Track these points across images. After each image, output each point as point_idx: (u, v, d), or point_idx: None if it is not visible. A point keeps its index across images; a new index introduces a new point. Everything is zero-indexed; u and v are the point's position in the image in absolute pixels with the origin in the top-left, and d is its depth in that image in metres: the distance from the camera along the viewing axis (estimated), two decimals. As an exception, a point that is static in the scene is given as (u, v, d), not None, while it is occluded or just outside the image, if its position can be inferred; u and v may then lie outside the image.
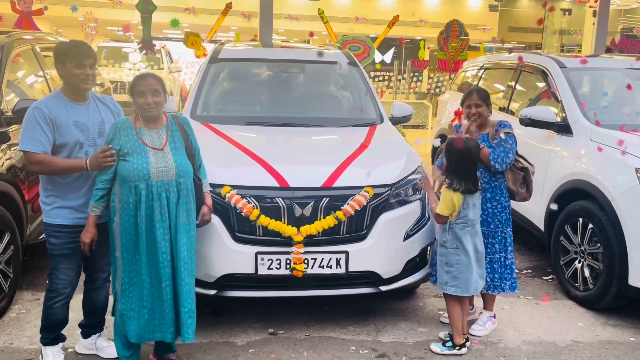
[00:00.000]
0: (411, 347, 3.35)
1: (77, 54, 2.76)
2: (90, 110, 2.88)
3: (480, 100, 3.39)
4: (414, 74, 13.84)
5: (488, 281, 3.40)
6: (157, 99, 2.77)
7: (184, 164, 2.82)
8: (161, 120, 2.86)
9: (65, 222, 2.85)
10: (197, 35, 8.53)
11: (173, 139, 2.85)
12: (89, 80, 2.81)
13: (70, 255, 2.89)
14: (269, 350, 3.27)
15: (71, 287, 2.95)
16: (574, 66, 4.85)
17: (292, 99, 4.75)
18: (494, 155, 3.31)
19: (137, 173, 2.72)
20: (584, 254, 3.96)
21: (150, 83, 2.77)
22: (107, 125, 2.89)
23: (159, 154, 2.77)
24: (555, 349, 3.39)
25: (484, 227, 3.39)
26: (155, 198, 2.73)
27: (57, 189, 2.85)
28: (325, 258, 3.27)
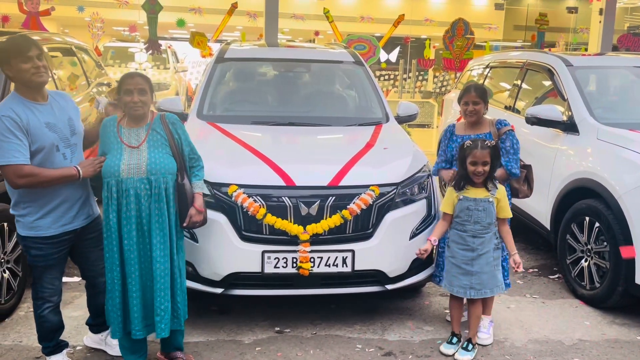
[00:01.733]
0: (417, 345, 3.36)
1: (19, 48, 2.58)
2: (54, 109, 2.74)
3: (478, 97, 3.37)
4: (419, 73, 13.83)
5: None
6: (143, 98, 2.77)
7: (160, 162, 2.78)
8: (145, 120, 2.85)
9: (48, 234, 2.72)
10: (202, 35, 8.58)
11: (153, 137, 2.82)
12: (41, 72, 2.61)
13: (55, 265, 2.81)
14: (275, 348, 3.28)
15: (58, 294, 2.87)
16: (580, 64, 4.84)
17: (297, 98, 4.76)
18: (511, 164, 3.36)
19: (109, 169, 2.74)
20: (591, 253, 3.95)
21: (137, 82, 2.77)
22: (76, 121, 2.81)
23: (134, 152, 2.77)
24: (561, 347, 3.38)
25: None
26: (124, 195, 2.73)
27: (36, 198, 2.69)
28: (331, 257, 3.28)
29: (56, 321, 2.90)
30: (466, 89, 3.45)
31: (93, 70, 6.23)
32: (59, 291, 2.89)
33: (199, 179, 2.97)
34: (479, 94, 3.39)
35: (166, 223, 2.81)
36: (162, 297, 2.81)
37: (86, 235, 2.89)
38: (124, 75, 2.86)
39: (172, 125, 2.89)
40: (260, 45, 6.04)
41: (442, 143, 3.59)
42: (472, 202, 3.12)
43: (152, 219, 2.78)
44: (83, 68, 5.83)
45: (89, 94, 5.61)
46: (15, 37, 2.72)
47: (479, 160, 3.06)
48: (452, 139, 3.50)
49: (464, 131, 3.48)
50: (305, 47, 6.13)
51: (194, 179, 2.96)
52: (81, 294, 3.91)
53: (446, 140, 3.54)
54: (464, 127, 3.51)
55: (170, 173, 2.83)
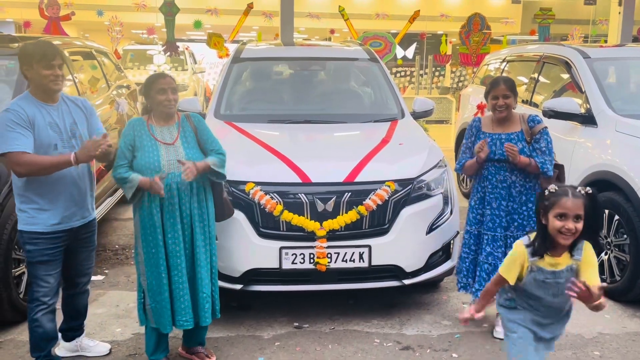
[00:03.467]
0: (435, 339, 3.37)
1: (44, 55, 2.67)
2: (61, 111, 2.81)
3: (508, 90, 3.14)
4: (435, 69, 13.75)
5: None
6: (175, 96, 2.89)
7: (195, 157, 2.88)
8: (173, 119, 2.95)
9: (42, 230, 2.74)
10: (219, 36, 8.67)
11: (184, 134, 2.93)
12: (59, 81, 2.73)
13: (50, 262, 2.79)
14: (294, 343, 3.33)
15: (52, 294, 2.83)
16: (598, 56, 4.79)
17: (313, 96, 4.80)
18: (547, 165, 3.11)
19: (149, 166, 2.80)
20: (611, 246, 3.91)
21: (169, 81, 2.88)
22: (80, 126, 2.84)
23: (170, 148, 2.86)
24: (581, 341, 3.37)
25: (520, 232, 3.17)
26: (166, 190, 2.79)
27: (34, 193, 2.73)
28: (348, 252, 3.31)
29: (49, 328, 2.85)
30: (494, 82, 3.22)
31: (113, 73, 6.34)
32: (54, 292, 2.85)
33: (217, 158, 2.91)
34: (509, 87, 3.15)
35: (206, 215, 2.93)
36: (206, 285, 2.92)
37: (81, 235, 2.91)
38: (153, 76, 2.94)
39: (198, 123, 3.00)
40: (276, 44, 6.10)
41: (466, 139, 3.34)
42: (550, 275, 2.21)
43: (193, 211, 2.88)
44: (103, 71, 5.94)
45: (109, 96, 5.72)
46: (43, 42, 2.79)
47: (570, 213, 2.13)
48: (479, 137, 3.25)
49: (492, 128, 3.23)
50: (320, 45, 6.17)
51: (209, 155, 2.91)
52: (105, 292, 4.01)
53: (472, 137, 3.30)
54: (492, 123, 3.26)
55: None
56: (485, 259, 3.24)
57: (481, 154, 3.16)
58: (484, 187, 3.27)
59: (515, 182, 3.21)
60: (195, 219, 2.89)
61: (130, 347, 3.28)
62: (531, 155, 3.16)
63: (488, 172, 3.25)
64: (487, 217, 3.25)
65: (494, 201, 3.23)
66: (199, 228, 2.90)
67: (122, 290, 4.06)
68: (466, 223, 3.39)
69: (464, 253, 3.36)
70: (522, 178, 3.20)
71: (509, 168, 3.19)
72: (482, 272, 3.24)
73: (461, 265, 3.39)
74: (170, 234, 2.84)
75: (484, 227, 3.27)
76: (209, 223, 2.95)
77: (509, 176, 3.21)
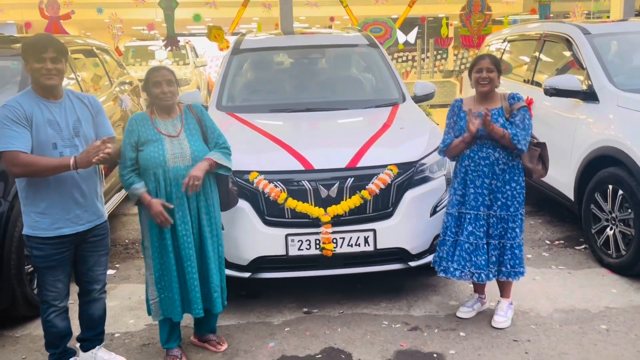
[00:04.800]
0: (443, 319, 3.41)
1: (35, 47, 2.54)
2: (64, 108, 2.68)
3: (492, 64, 3.14)
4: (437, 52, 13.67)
5: (508, 268, 3.20)
6: (171, 88, 2.88)
7: (200, 149, 2.91)
8: (175, 111, 2.96)
9: (46, 234, 2.65)
10: (219, 29, 8.67)
11: (188, 126, 2.95)
12: (52, 75, 2.56)
13: (56, 267, 2.72)
14: (304, 328, 3.38)
15: (62, 298, 2.78)
16: (598, 32, 4.76)
17: (314, 84, 4.82)
18: (518, 138, 3.07)
19: (154, 160, 2.83)
20: (615, 221, 3.93)
21: (164, 74, 2.88)
22: (85, 124, 2.71)
23: (175, 141, 2.88)
24: (587, 315, 3.40)
25: (503, 212, 3.18)
26: (172, 183, 2.83)
27: (34, 195, 2.63)
28: (353, 237, 3.35)
29: (63, 327, 2.82)
30: (479, 56, 3.24)
31: (115, 70, 6.38)
32: (64, 295, 2.79)
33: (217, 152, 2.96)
34: (493, 61, 3.16)
35: (212, 206, 2.96)
36: (216, 274, 2.97)
37: (89, 238, 2.79)
38: (150, 69, 2.95)
39: (201, 114, 3.02)
40: (276, 34, 6.09)
41: (449, 119, 3.32)
42: None
43: (200, 202, 2.92)
44: (105, 68, 5.98)
45: (112, 93, 5.76)
46: (40, 35, 2.69)
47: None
48: (461, 116, 3.24)
49: (473, 107, 3.19)
50: (319, 33, 6.16)
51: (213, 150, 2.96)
52: (116, 285, 4.08)
53: (454, 116, 3.28)
54: (474, 101, 3.24)
55: None
56: (466, 238, 3.18)
57: (471, 127, 3.09)
58: (466, 166, 3.21)
59: (498, 159, 3.15)
60: (202, 210, 2.93)
61: (144, 337, 3.35)
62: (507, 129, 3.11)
63: (470, 150, 3.19)
64: (471, 197, 3.19)
65: (477, 179, 3.18)
66: (205, 220, 2.94)
67: (133, 283, 4.13)
68: (447, 206, 3.33)
69: (447, 237, 3.26)
70: (505, 155, 3.16)
71: (491, 145, 3.15)
72: (462, 251, 3.18)
73: (442, 250, 3.29)
74: (180, 226, 2.88)
75: (466, 206, 3.21)
76: (215, 214, 2.99)
77: (492, 153, 3.15)
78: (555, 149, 4.05)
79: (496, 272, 3.24)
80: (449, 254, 3.27)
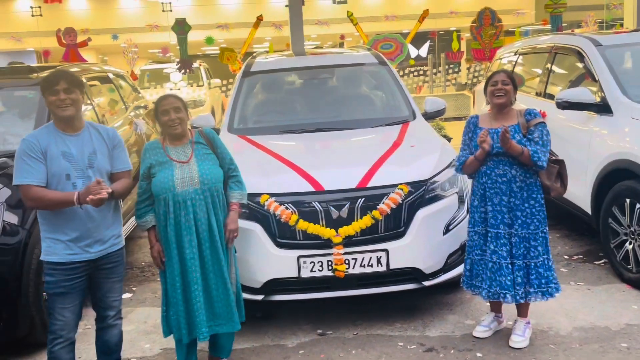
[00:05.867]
0: (459, 340, 3.36)
1: (49, 81, 2.67)
2: (82, 140, 2.74)
3: (507, 77, 3.14)
4: (449, 66, 13.67)
5: (535, 288, 3.16)
6: (179, 115, 2.93)
7: (210, 173, 2.95)
8: (186, 137, 3.02)
9: (58, 260, 2.70)
10: (231, 50, 8.80)
11: (199, 151, 3.00)
12: (65, 106, 2.65)
13: (66, 294, 2.72)
14: (318, 350, 3.36)
15: (68, 329, 2.77)
16: (609, 43, 4.72)
17: (324, 104, 4.84)
18: (539, 155, 3.04)
19: (164, 185, 2.90)
20: (634, 235, 3.85)
21: (171, 102, 2.93)
22: (100, 156, 2.75)
23: (185, 167, 2.93)
24: (608, 333, 3.32)
25: (524, 230, 3.14)
26: (181, 207, 2.88)
27: (50, 222, 2.70)
28: (365, 257, 3.33)
29: None
30: (494, 72, 3.26)
31: (130, 95, 6.50)
32: (72, 326, 2.78)
33: (236, 190, 3.08)
34: (509, 76, 3.16)
35: (220, 229, 2.98)
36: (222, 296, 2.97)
37: (103, 265, 2.81)
38: (158, 98, 3.03)
39: (212, 138, 3.06)
40: (288, 55, 6.16)
41: (464, 136, 3.31)
42: None
43: (212, 226, 2.94)
44: (120, 93, 6.10)
45: (127, 117, 5.86)
46: (54, 70, 2.86)
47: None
48: (477, 132, 3.19)
49: (489, 124, 3.20)
50: (328, 52, 6.22)
51: (230, 190, 3.08)
52: (133, 309, 4.11)
53: (469, 132, 3.27)
54: (489, 118, 3.24)
55: (220, 182, 3.01)
56: (490, 257, 3.17)
57: (484, 145, 3.07)
58: (484, 184, 3.20)
59: (516, 176, 3.13)
60: (209, 235, 2.95)
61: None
62: (525, 146, 3.08)
63: (487, 167, 3.17)
64: (490, 214, 3.18)
65: (495, 197, 3.16)
66: (211, 243, 2.96)
67: (149, 306, 4.15)
68: (469, 224, 3.30)
69: (476, 255, 3.24)
70: (522, 172, 3.13)
71: (508, 162, 3.13)
72: (487, 270, 3.17)
73: (472, 269, 3.27)
74: (188, 250, 2.91)
75: (488, 224, 3.20)
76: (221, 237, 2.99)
77: (509, 170, 3.13)
78: (571, 162, 3.99)
79: (524, 293, 3.18)
80: (478, 272, 3.25)
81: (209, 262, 2.95)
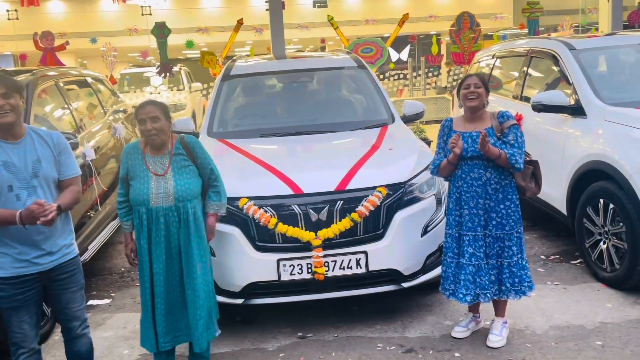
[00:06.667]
0: (438, 340, 3.39)
1: None
2: (24, 148, 2.56)
3: (479, 81, 3.18)
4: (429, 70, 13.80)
5: (508, 286, 3.21)
6: (156, 125, 2.86)
7: (186, 189, 2.91)
8: (166, 147, 2.95)
9: (6, 274, 2.55)
10: (212, 54, 8.77)
11: (177, 162, 2.94)
12: (4, 112, 2.47)
13: (20, 308, 2.60)
14: (298, 353, 3.36)
15: (29, 340, 2.65)
16: (583, 47, 4.82)
17: (303, 108, 4.86)
18: (516, 157, 3.08)
19: (139, 198, 2.90)
20: (608, 235, 3.93)
21: (149, 111, 2.86)
22: (45, 164, 2.58)
23: (160, 180, 2.90)
24: (583, 331, 3.38)
25: (499, 231, 3.19)
26: (153, 222, 2.89)
27: None
28: (345, 259, 3.35)
29: None
30: (466, 75, 3.30)
31: (109, 99, 6.45)
32: (32, 337, 2.66)
33: (213, 200, 3.05)
34: (481, 79, 3.20)
35: (193, 245, 2.94)
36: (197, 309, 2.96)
37: (56, 276, 2.66)
38: (138, 106, 2.96)
39: (192, 148, 2.99)
40: (268, 58, 6.17)
41: (439, 139, 3.33)
42: None
43: (181, 242, 2.93)
44: (98, 98, 6.04)
45: (106, 122, 5.81)
46: None
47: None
48: (451, 135, 3.22)
49: (463, 127, 3.22)
50: (308, 56, 6.23)
51: (208, 199, 3.06)
52: (111, 315, 4.06)
53: (444, 136, 3.29)
54: (463, 121, 3.26)
55: (196, 197, 2.98)
56: (468, 260, 3.19)
57: (456, 149, 3.11)
58: (459, 187, 3.23)
59: (490, 179, 3.17)
60: (183, 250, 2.93)
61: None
62: (501, 149, 3.12)
63: (462, 171, 3.21)
64: (466, 217, 3.21)
65: (471, 200, 3.19)
66: (186, 257, 2.94)
67: (128, 312, 4.12)
68: (446, 227, 3.33)
69: (449, 258, 3.28)
70: (497, 175, 3.17)
71: (482, 165, 3.16)
72: (468, 274, 3.19)
73: (447, 272, 3.29)
74: (155, 264, 2.92)
75: (464, 228, 3.22)
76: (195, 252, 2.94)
77: (484, 173, 3.16)
78: (547, 164, 4.07)
79: (497, 291, 3.23)
80: (455, 276, 3.27)
81: (183, 275, 2.95)
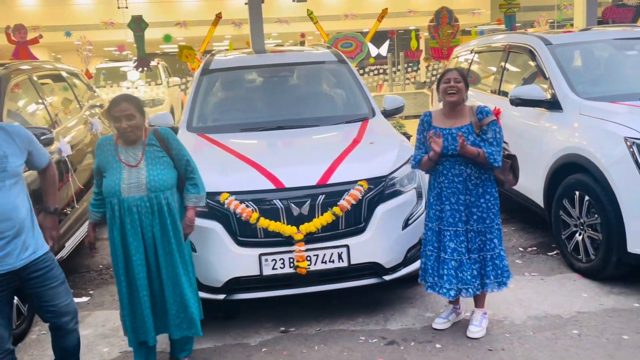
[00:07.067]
0: (419, 332, 3.43)
1: None
2: None
3: (459, 75, 3.18)
4: (408, 65, 13.88)
5: (492, 279, 3.26)
6: (132, 123, 2.83)
7: (159, 179, 2.87)
8: (140, 138, 2.92)
9: None
10: (190, 48, 8.68)
11: (150, 153, 2.91)
12: None
13: None
14: (281, 348, 3.37)
15: (3, 342, 2.59)
16: (559, 42, 4.90)
17: (284, 102, 4.84)
18: (494, 156, 3.11)
19: (110, 189, 2.86)
20: (584, 226, 4.01)
21: (123, 108, 2.81)
22: (12, 159, 2.52)
23: (133, 171, 2.86)
24: (560, 321, 3.45)
25: (480, 225, 3.22)
26: (126, 213, 2.85)
27: None
28: (327, 253, 3.36)
29: None
30: (446, 70, 3.29)
31: (85, 94, 6.34)
32: (5, 339, 2.60)
33: (192, 193, 3.02)
34: (461, 74, 3.20)
35: (169, 235, 2.92)
36: (175, 303, 2.96)
37: (29, 275, 2.58)
38: (111, 100, 2.90)
39: (166, 139, 2.96)
40: (248, 52, 6.13)
41: (419, 134, 3.33)
42: None
43: (156, 233, 2.90)
44: (74, 92, 5.94)
45: (82, 117, 5.71)
46: None
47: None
48: (430, 130, 3.23)
49: (442, 123, 3.22)
50: (288, 50, 6.21)
51: (186, 192, 3.03)
52: (90, 313, 4.01)
53: (424, 131, 3.29)
54: (442, 116, 3.26)
55: (169, 188, 2.93)
56: (450, 255, 3.22)
57: (436, 148, 3.13)
58: (440, 183, 3.25)
59: (471, 174, 3.19)
60: (158, 241, 2.91)
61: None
62: (480, 147, 3.14)
63: (443, 167, 3.23)
64: (447, 213, 3.22)
65: (452, 196, 3.21)
66: (162, 249, 2.92)
67: (107, 309, 4.07)
68: (426, 219, 3.36)
69: (428, 251, 3.30)
70: (477, 170, 3.19)
71: (463, 162, 3.18)
72: (451, 269, 3.21)
73: (427, 264, 3.32)
74: (135, 256, 2.89)
75: (444, 223, 3.23)
76: (174, 243, 2.93)
77: (464, 170, 3.19)
78: (524, 157, 4.11)
79: (480, 285, 3.27)
80: (434, 269, 3.29)
81: (162, 267, 2.93)
